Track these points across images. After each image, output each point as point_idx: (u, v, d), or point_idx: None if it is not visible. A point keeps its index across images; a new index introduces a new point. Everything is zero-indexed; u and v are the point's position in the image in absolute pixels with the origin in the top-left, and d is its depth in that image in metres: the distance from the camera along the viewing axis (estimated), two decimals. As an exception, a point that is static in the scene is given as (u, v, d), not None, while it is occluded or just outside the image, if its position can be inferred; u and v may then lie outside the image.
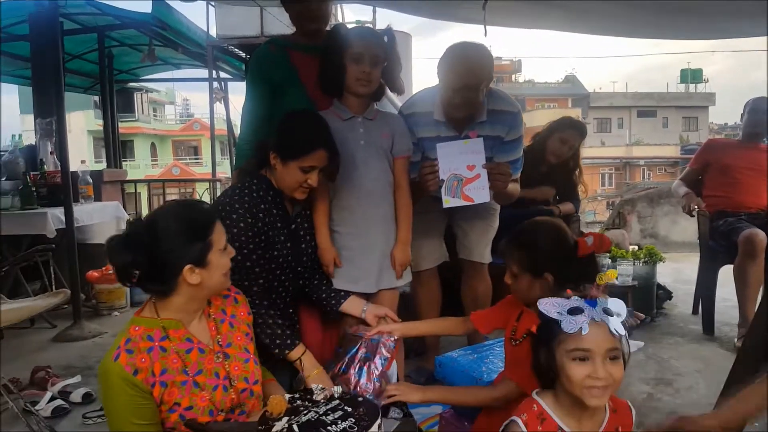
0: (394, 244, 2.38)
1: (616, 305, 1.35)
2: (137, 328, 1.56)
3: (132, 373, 1.48)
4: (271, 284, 2.11)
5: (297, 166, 2.00)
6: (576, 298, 1.35)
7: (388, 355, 2.00)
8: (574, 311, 1.32)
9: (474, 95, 2.47)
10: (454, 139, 2.56)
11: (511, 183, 2.60)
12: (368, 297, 2.34)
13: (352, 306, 2.21)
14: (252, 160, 2.17)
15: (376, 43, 2.26)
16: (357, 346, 2.02)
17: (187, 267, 1.54)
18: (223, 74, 6.99)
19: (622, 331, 1.32)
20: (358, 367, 1.94)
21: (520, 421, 1.39)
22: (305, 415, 1.37)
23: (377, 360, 1.95)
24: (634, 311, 3.66)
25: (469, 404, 2.00)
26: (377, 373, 1.92)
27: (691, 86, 39.90)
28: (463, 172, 2.40)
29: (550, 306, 1.35)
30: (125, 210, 5.29)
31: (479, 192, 2.41)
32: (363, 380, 1.90)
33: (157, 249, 1.54)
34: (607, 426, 1.41)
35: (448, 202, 2.42)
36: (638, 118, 38.45)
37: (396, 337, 2.08)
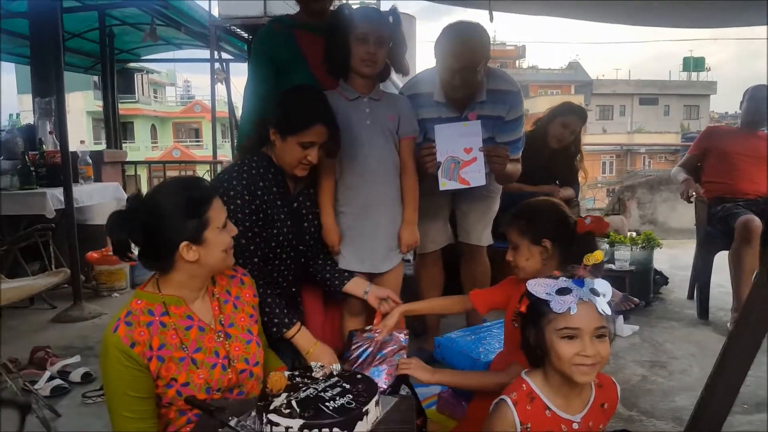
0: (401, 225, 2.39)
1: (603, 286, 1.38)
2: (139, 302, 1.57)
3: (129, 345, 1.50)
4: (272, 263, 2.12)
5: (296, 142, 2.00)
6: (564, 278, 1.39)
7: (403, 351, 2.00)
8: (562, 291, 1.36)
9: (472, 76, 2.48)
10: (455, 119, 2.57)
11: (512, 163, 2.61)
12: (372, 277, 2.37)
13: (355, 287, 2.23)
14: (252, 138, 2.18)
15: (382, 23, 2.25)
16: (369, 347, 2.00)
17: (183, 244, 1.54)
18: (225, 55, 6.93)
19: (609, 311, 1.36)
20: (374, 366, 1.94)
21: (509, 401, 1.42)
22: (304, 391, 1.39)
23: (393, 358, 1.95)
24: (629, 296, 3.69)
25: (477, 388, 2.02)
26: (394, 370, 1.91)
27: (693, 74, 39.76)
28: (461, 154, 2.41)
29: (539, 287, 1.38)
30: (125, 191, 5.29)
31: (475, 175, 2.43)
32: (382, 378, 1.89)
33: (154, 225, 1.54)
34: (593, 402, 1.45)
35: (445, 184, 2.43)
36: (640, 106, 38.32)
37: (407, 332, 2.08)
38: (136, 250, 1.62)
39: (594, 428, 1.45)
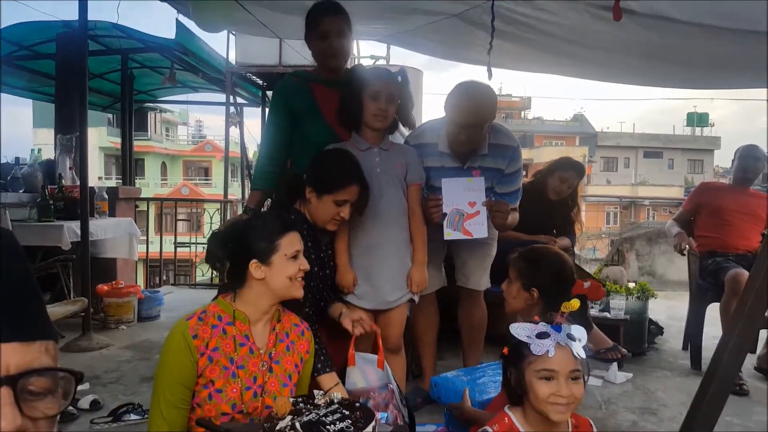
0: (413, 266, 2.55)
1: (578, 332, 1.51)
2: (215, 307, 1.79)
3: (192, 335, 1.70)
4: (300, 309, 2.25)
5: (331, 200, 2.19)
6: (543, 324, 1.51)
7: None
8: (541, 335, 1.48)
9: (478, 132, 2.66)
10: (458, 169, 2.75)
11: (510, 212, 2.77)
12: (378, 314, 2.53)
13: (334, 310, 2.37)
14: (285, 193, 2.36)
15: (392, 82, 2.47)
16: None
17: (253, 261, 1.75)
18: (239, 99, 7.22)
19: (584, 355, 1.47)
20: None
21: None
22: (307, 416, 1.51)
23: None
24: (619, 346, 3.77)
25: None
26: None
27: (697, 129, 40.19)
28: (465, 207, 2.58)
29: (520, 330, 1.50)
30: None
31: (478, 227, 2.60)
32: None
33: (237, 241, 1.81)
34: None
35: (450, 234, 2.60)
36: (644, 159, 38.66)
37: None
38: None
39: None
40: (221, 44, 6.27)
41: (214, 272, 7.00)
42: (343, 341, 2.54)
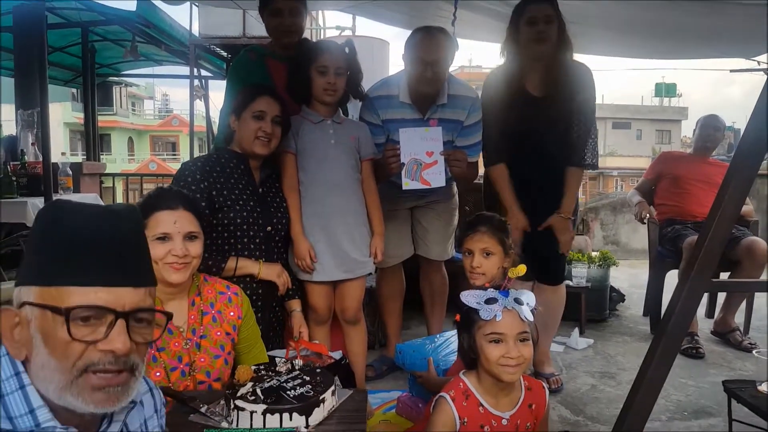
0: (374, 236, 2.57)
1: (526, 296, 1.56)
2: None
3: None
4: (240, 241, 2.23)
5: (249, 116, 2.22)
6: (492, 290, 1.56)
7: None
8: (489, 301, 1.53)
9: (442, 70, 2.66)
10: (418, 121, 2.75)
11: (470, 166, 2.80)
12: (336, 285, 2.55)
13: (290, 305, 2.40)
14: (222, 145, 2.38)
15: (339, 55, 2.46)
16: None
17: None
18: (204, 72, 7.11)
19: (531, 318, 1.53)
20: None
21: (448, 398, 1.59)
22: (268, 382, 1.55)
23: None
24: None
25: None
26: None
27: (665, 100, 40.69)
28: (423, 157, 2.59)
29: (470, 297, 1.56)
30: (102, 203, 5.37)
31: (436, 177, 2.60)
32: None
33: None
34: (522, 403, 1.61)
35: (408, 184, 2.60)
36: (613, 130, 39.04)
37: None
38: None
39: (521, 426, 1.60)
40: (184, 16, 6.13)
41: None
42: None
